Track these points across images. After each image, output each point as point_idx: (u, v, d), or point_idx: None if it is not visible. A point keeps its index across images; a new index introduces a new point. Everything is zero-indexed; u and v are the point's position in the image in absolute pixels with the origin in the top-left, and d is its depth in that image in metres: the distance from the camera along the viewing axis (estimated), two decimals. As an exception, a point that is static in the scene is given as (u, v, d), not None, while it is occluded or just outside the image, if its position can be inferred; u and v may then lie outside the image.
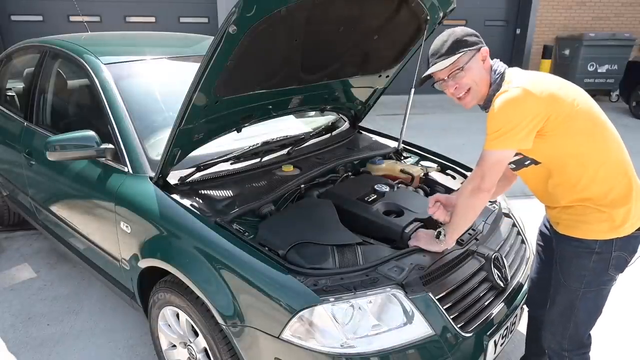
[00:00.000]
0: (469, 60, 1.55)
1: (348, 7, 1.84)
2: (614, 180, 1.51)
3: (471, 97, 1.60)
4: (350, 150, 2.58)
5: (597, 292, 1.60)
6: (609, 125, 1.55)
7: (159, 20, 7.81)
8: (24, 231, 3.59)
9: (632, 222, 1.53)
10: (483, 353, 1.62)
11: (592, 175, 1.50)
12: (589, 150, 1.50)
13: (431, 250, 1.69)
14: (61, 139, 2.08)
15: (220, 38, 1.47)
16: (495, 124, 1.46)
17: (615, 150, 1.54)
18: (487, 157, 1.50)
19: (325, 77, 2.23)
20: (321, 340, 1.44)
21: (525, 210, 2.66)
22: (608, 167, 1.51)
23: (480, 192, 1.53)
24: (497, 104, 1.47)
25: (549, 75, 1.56)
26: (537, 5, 8.95)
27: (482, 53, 1.57)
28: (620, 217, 1.52)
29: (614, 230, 1.52)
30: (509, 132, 1.44)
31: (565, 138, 1.48)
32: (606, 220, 1.52)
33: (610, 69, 8.27)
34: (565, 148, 1.49)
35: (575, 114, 1.47)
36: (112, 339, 2.44)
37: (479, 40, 1.59)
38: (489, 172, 1.50)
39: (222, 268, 1.62)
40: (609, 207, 1.51)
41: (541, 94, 1.44)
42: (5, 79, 3.43)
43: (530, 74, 1.55)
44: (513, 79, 1.52)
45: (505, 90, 1.48)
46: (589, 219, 1.54)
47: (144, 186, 1.95)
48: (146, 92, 2.42)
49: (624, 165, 1.54)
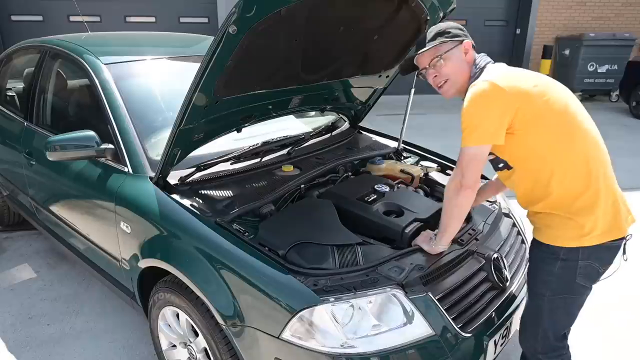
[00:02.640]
0: (449, 50, 1.60)
1: (348, 7, 1.84)
2: (581, 187, 1.47)
3: (448, 87, 1.63)
4: (350, 150, 2.58)
5: (566, 299, 1.58)
6: (588, 129, 1.51)
7: (159, 20, 7.81)
8: (24, 231, 3.59)
9: (602, 231, 1.48)
10: (483, 353, 1.62)
11: (559, 179, 1.47)
12: (557, 152, 1.47)
13: (427, 251, 1.70)
14: (61, 139, 2.08)
15: (220, 38, 1.47)
16: (466, 119, 1.47)
17: (587, 155, 1.48)
18: (463, 154, 1.50)
19: (325, 77, 2.23)
20: (321, 341, 1.44)
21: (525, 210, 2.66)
22: (576, 172, 1.47)
23: (463, 190, 1.52)
24: (466, 98, 1.48)
25: (530, 73, 1.55)
26: (537, 5, 8.95)
27: (464, 46, 1.60)
28: (589, 225, 1.47)
29: (579, 239, 1.48)
30: (479, 126, 1.45)
31: (533, 137, 1.46)
32: (573, 227, 1.48)
33: (610, 69, 8.28)
34: (533, 148, 1.47)
35: (545, 114, 1.45)
36: (112, 339, 2.44)
37: (463, 34, 1.63)
38: (467, 169, 1.50)
39: (222, 268, 1.62)
40: (576, 215, 1.47)
41: (510, 88, 1.44)
42: (5, 79, 3.43)
43: (508, 70, 1.55)
44: (486, 73, 1.52)
45: (474, 84, 1.49)
46: (554, 225, 1.52)
47: (144, 186, 1.95)
48: (146, 92, 2.42)
49: (596, 171, 1.48)
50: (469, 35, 1.64)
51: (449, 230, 1.64)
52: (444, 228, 1.64)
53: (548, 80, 1.55)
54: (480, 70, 1.57)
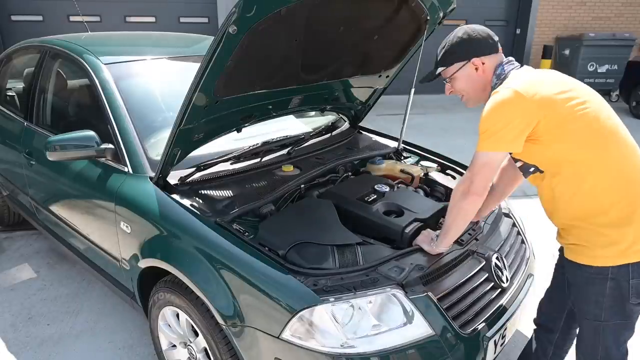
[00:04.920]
0: (457, 71, 1.59)
1: (348, 7, 1.84)
2: (614, 196, 1.39)
3: (466, 99, 1.66)
4: (350, 150, 2.58)
5: (623, 320, 1.49)
6: (621, 136, 1.43)
7: (159, 20, 7.80)
8: (24, 231, 3.59)
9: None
10: (483, 353, 1.62)
11: (589, 187, 1.40)
12: (587, 159, 1.40)
13: (427, 252, 1.70)
14: (61, 139, 2.08)
15: (220, 38, 1.47)
16: (483, 124, 1.44)
17: (621, 162, 1.41)
18: (476, 159, 1.48)
19: (325, 77, 2.23)
20: (321, 341, 1.44)
21: (525, 210, 2.66)
22: (608, 180, 1.40)
23: (470, 195, 1.50)
24: (487, 105, 1.46)
25: (558, 77, 1.49)
26: (537, 5, 8.95)
27: (473, 63, 1.57)
28: (629, 238, 1.39)
29: (624, 254, 1.40)
30: (497, 133, 1.41)
31: (559, 144, 1.40)
32: (611, 243, 1.40)
33: (610, 69, 8.27)
34: (560, 154, 1.41)
35: (573, 119, 1.39)
36: (112, 339, 2.44)
37: (472, 49, 1.56)
38: (478, 175, 1.47)
39: (222, 268, 1.62)
40: (609, 228, 1.40)
41: (533, 96, 1.39)
42: (5, 79, 3.43)
43: (532, 76, 1.47)
44: (510, 80, 1.48)
45: (496, 91, 1.46)
46: (591, 244, 1.44)
47: (144, 186, 1.95)
48: (146, 92, 2.42)
49: (632, 179, 1.40)
50: (488, 43, 1.57)
51: (451, 232, 1.63)
52: (447, 230, 1.63)
53: (577, 85, 1.48)
54: (502, 81, 1.52)
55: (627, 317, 1.49)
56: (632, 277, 1.42)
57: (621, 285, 1.43)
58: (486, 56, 1.57)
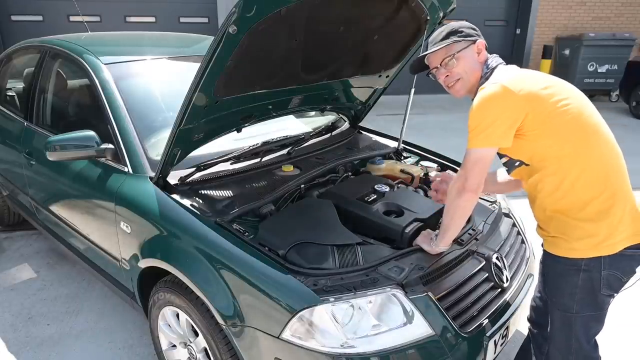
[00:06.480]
0: (462, 50, 1.58)
1: (348, 7, 1.84)
2: (594, 191, 1.43)
3: (460, 86, 1.62)
4: (350, 150, 2.58)
5: (595, 309, 1.53)
6: (603, 132, 1.48)
7: (159, 20, 7.81)
8: (24, 231, 3.59)
9: (620, 238, 1.44)
10: (483, 353, 1.62)
11: (571, 182, 1.43)
12: (569, 154, 1.43)
13: (427, 252, 1.70)
14: (61, 139, 2.08)
15: (220, 38, 1.47)
16: (473, 121, 1.46)
17: (602, 159, 1.45)
18: (469, 155, 1.48)
19: (325, 77, 2.23)
20: (321, 340, 1.44)
21: (525, 210, 2.66)
22: (589, 175, 1.43)
23: (465, 193, 1.50)
24: (475, 100, 1.47)
25: (540, 75, 1.52)
26: (537, 5, 8.96)
27: (477, 45, 1.59)
28: (603, 232, 1.43)
29: (597, 247, 1.45)
30: (487, 128, 1.43)
31: (545, 139, 1.43)
32: (587, 236, 1.45)
33: (610, 69, 8.28)
34: (545, 149, 1.44)
35: (557, 114, 1.42)
36: (112, 339, 2.44)
37: (476, 34, 1.60)
38: (471, 171, 1.48)
39: (222, 268, 1.62)
40: (587, 222, 1.44)
41: (519, 91, 1.41)
42: (5, 79, 3.43)
43: (519, 71, 1.52)
44: (497, 76, 1.50)
45: (483, 87, 1.47)
46: (568, 237, 1.48)
47: (144, 186, 1.95)
48: (146, 92, 2.42)
49: (611, 175, 1.45)
50: (481, 36, 1.62)
51: (449, 231, 1.63)
52: (445, 229, 1.64)
53: (560, 83, 1.51)
54: (491, 71, 1.55)
55: (598, 309, 1.53)
56: (603, 268, 1.46)
57: (593, 277, 1.48)
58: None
